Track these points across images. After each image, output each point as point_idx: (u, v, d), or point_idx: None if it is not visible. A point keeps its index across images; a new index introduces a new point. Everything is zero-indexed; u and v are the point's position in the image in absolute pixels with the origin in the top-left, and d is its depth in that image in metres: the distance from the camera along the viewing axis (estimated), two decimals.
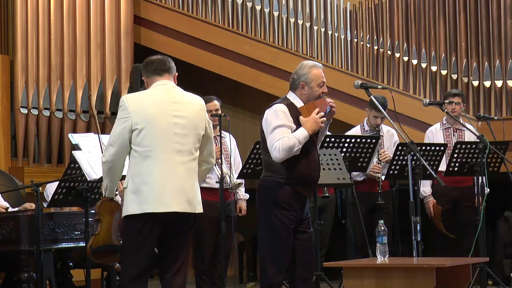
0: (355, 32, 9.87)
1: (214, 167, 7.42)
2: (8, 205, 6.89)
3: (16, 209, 6.77)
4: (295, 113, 5.62)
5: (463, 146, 7.78)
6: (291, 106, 5.64)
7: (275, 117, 5.58)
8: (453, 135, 8.30)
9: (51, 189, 7.13)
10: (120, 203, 7.03)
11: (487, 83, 9.26)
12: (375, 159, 7.90)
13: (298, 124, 5.58)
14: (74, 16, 9.61)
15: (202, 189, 7.04)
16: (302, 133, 5.54)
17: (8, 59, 9.08)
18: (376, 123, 8.03)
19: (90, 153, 6.05)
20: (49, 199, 6.74)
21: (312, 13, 10.00)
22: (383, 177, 7.90)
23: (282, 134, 5.52)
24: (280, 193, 5.58)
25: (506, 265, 8.92)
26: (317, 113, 5.57)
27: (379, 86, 6.95)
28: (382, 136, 8.10)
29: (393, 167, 7.67)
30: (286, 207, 5.58)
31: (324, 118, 5.60)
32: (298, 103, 5.66)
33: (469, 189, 8.14)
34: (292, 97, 5.70)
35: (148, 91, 5.13)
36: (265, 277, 5.63)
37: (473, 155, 7.75)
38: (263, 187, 5.69)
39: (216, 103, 7.60)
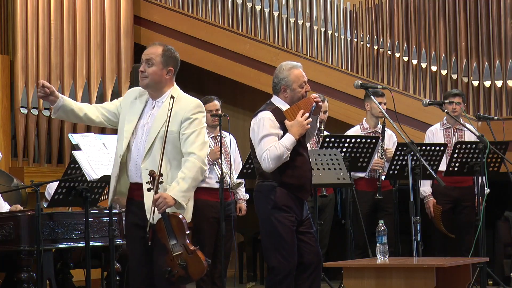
0: (355, 32, 9.87)
1: (214, 167, 7.42)
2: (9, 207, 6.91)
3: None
4: (281, 117, 5.56)
5: (463, 146, 7.78)
6: (276, 111, 5.58)
7: (261, 126, 5.53)
8: (453, 135, 8.30)
9: (52, 188, 7.13)
10: (121, 209, 6.99)
11: (487, 83, 9.26)
12: (376, 156, 7.87)
13: (286, 128, 5.53)
14: (74, 16, 9.60)
15: (202, 189, 7.10)
16: (289, 140, 5.48)
17: (8, 59, 9.07)
18: (381, 109, 7.87)
19: (90, 153, 6.05)
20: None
21: (312, 13, 10.00)
22: (383, 177, 7.89)
23: (269, 144, 5.47)
24: (277, 196, 5.54)
25: (506, 265, 8.92)
26: (302, 115, 5.50)
27: (379, 86, 6.97)
28: (383, 135, 8.02)
29: (393, 167, 7.66)
30: (285, 209, 5.55)
31: (310, 119, 5.54)
32: (283, 107, 5.60)
33: (469, 189, 8.14)
34: (277, 101, 5.65)
35: None
36: (272, 281, 5.58)
37: (473, 155, 7.75)
38: (260, 193, 5.64)
39: (216, 103, 7.59)
